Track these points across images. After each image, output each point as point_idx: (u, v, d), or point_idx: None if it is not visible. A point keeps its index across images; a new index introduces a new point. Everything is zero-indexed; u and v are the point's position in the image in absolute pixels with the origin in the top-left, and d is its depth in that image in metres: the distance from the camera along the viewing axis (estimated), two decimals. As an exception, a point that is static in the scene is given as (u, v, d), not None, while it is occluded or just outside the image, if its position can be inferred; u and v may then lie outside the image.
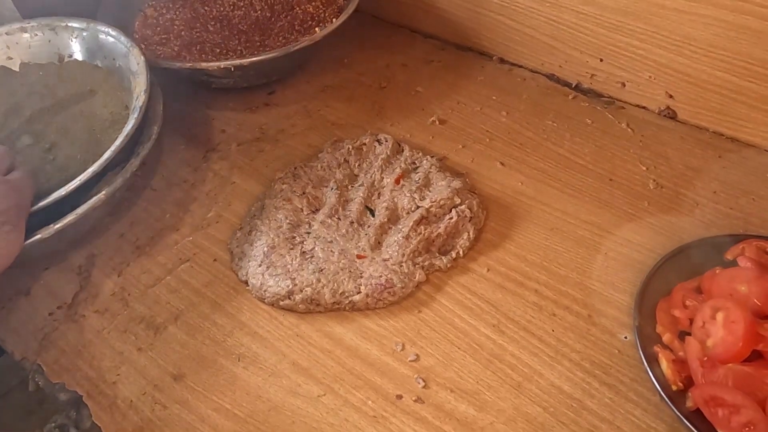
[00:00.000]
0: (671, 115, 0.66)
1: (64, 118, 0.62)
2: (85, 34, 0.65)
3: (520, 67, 0.75)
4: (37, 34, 0.65)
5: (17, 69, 0.65)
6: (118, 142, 0.52)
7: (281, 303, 0.51)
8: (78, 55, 0.66)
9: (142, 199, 0.62)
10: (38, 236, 0.48)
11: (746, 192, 0.58)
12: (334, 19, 0.71)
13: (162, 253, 0.57)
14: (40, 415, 0.52)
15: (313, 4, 0.75)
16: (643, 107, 0.68)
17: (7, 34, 0.65)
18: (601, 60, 0.68)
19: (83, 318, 0.52)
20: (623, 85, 0.68)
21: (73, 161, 0.58)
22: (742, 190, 0.58)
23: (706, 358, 0.43)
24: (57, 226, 0.49)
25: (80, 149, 0.59)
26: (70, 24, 0.66)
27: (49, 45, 0.66)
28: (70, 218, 0.49)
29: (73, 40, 0.66)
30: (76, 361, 0.49)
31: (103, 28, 0.65)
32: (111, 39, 0.64)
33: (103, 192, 0.51)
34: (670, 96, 0.65)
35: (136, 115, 0.54)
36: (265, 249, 0.53)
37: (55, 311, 0.53)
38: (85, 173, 0.49)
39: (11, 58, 0.65)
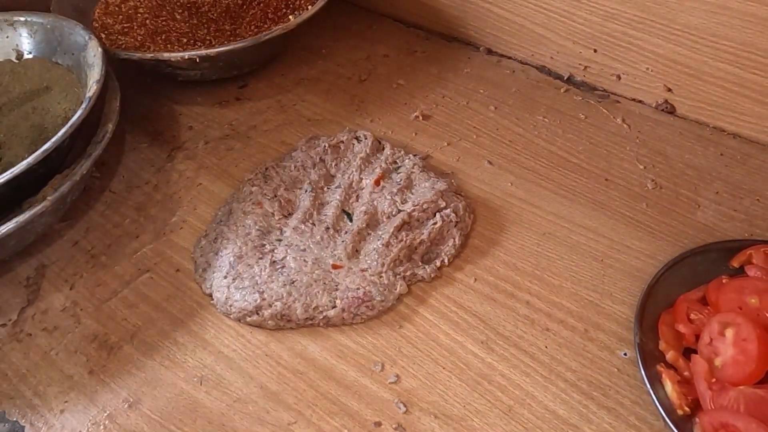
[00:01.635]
0: (670, 109, 0.62)
1: (15, 116, 0.57)
2: (44, 28, 0.60)
3: (509, 58, 0.70)
4: None
5: None
6: (59, 134, 0.47)
7: (248, 319, 0.46)
8: (37, 51, 0.61)
9: (99, 203, 0.57)
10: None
11: (750, 192, 0.54)
12: (309, 6, 0.66)
13: (119, 263, 0.52)
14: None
15: (288, -10, 0.70)
16: (640, 101, 0.64)
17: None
18: (595, 51, 0.63)
19: (29, 337, 0.47)
20: (619, 77, 0.64)
21: (20, 161, 0.53)
22: (745, 190, 0.55)
23: (714, 380, 0.39)
24: (-5, 235, 0.44)
25: (29, 148, 0.54)
26: (29, 19, 0.62)
27: (7, 41, 0.62)
28: (9, 227, 0.44)
29: (33, 35, 0.62)
30: (20, 387, 0.44)
31: (63, 22, 0.60)
32: (71, 33, 0.59)
33: (48, 198, 0.46)
34: (669, 89, 0.61)
35: (84, 106, 0.49)
36: (232, 259, 0.49)
37: (-1, 329, 0.48)
38: (18, 166, 0.44)
39: None
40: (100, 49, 0.56)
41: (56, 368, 0.45)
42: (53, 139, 0.47)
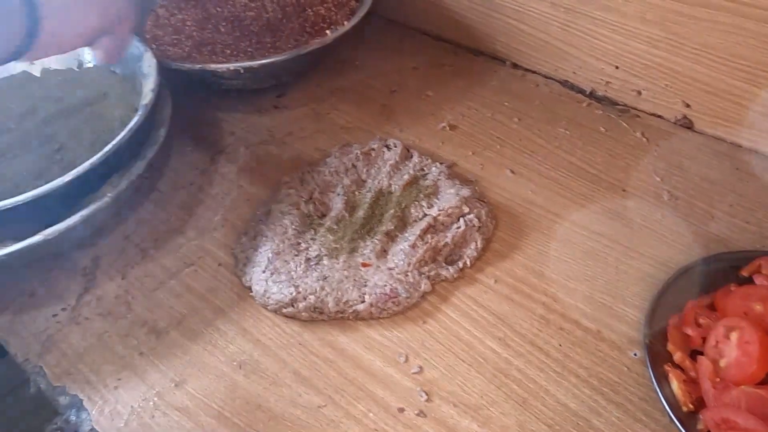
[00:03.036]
0: (688, 124, 0.65)
1: (75, 120, 0.62)
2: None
3: (534, 72, 0.73)
4: None
5: (38, 74, 0.66)
6: (120, 137, 0.52)
7: (284, 310, 0.50)
8: (96, 61, 0.66)
9: (148, 201, 0.61)
10: (42, 237, 0.48)
11: (763, 205, 0.57)
12: (345, 22, 0.70)
13: (167, 256, 0.56)
14: (39, 418, 0.52)
15: (325, 6, 0.75)
16: (659, 116, 0.66)
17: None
18: (617, 67, 0.66)
19: (86, 320, 0.52)
20: (639, 93, 0.66)
21: (79, 162, 0.58)
22: (759, 203, 0.57)
23: (718, 379, 0.42)
24: (62, 227, 0.49)
25: (87, 150, 0.59)
26: None
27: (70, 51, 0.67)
28: (74, 219, 0.49)
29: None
30: (78, 365, 0.49)
31: None
32: None
33: (108, 195, 0.51)
34: (687, 105, 0.64)
35: (141, 113, 0.54)
36: (270, 255, 0.53)
37: (59, 313, 0.52)
38: (82, 166, 0.49)
39: (33, 64, 0.66)
40: (154, 61, 0.61)
41: (110, 349, 0.50)
42: (114, 142, 0.51)
